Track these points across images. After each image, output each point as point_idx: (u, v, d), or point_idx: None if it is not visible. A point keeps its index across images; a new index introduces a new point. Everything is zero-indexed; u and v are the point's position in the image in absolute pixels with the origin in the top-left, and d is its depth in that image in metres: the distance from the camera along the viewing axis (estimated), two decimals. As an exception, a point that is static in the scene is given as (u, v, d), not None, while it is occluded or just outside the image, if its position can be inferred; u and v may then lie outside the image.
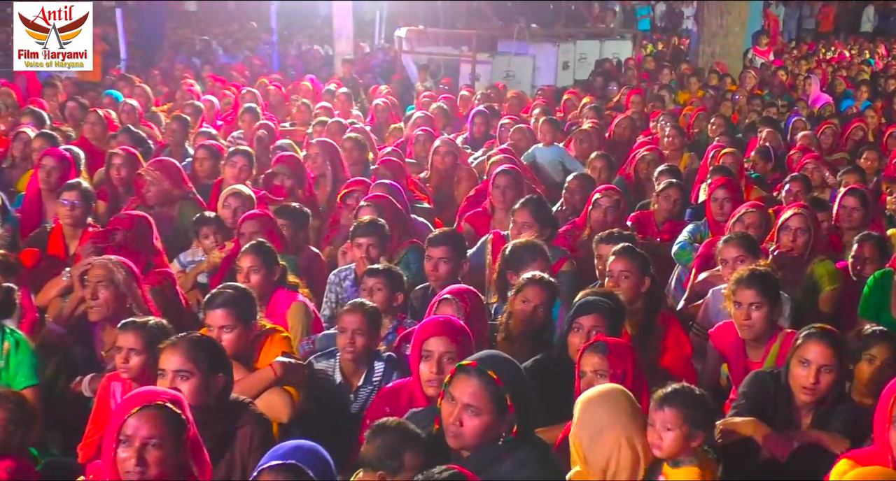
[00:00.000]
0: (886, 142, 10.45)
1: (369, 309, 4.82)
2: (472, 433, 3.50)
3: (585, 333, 4.54)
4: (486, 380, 3.51)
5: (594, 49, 17.61)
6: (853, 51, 23.14)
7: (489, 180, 7.36)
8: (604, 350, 4.10)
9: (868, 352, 4.58)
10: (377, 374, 4.76)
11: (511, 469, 3.49)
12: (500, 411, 3.51)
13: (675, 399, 3.59)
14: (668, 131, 9.87)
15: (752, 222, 6.31)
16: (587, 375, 4.11)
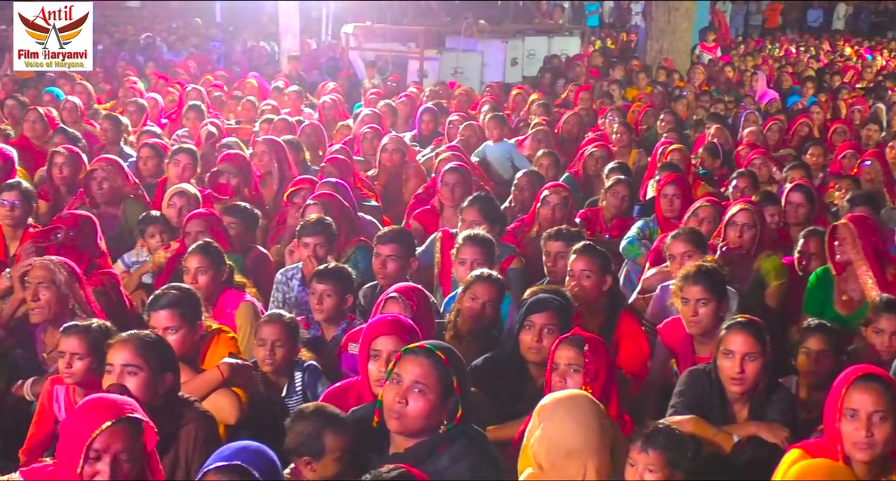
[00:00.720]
0: (831, 138, 10.55)
1: (288, 320, 4.79)
2: (416, 414, 3.48)
3: (537, 331, 4.53)
4: (434, 360, 3.52)
5: (542, 45, 17.64)
6: (801, 47, 23.36)
7: (437, 178, 7.34)
8: (580, 344, 4.10)
9: (804, 345, 4.69)
10: (298, 385, 4.73)
11: (448, 463, 3.48)
12: (446, 393, 3.51)
13: (659, 441, 3.59)
14: (617, 128, 9.89)
15: (706, 216, 6.34)
16: (560, 368, 4.11)
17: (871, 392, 3.52)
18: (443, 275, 6.19)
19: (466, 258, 5.57)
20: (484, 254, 5.57)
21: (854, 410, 3.51)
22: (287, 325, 4.74)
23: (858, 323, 5.18)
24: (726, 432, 4.19)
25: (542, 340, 4.51)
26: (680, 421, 4.24)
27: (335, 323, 5.22)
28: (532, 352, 4.55)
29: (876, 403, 3.51)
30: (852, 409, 3.51)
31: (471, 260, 5.54)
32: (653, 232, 6.85)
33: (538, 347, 4.52)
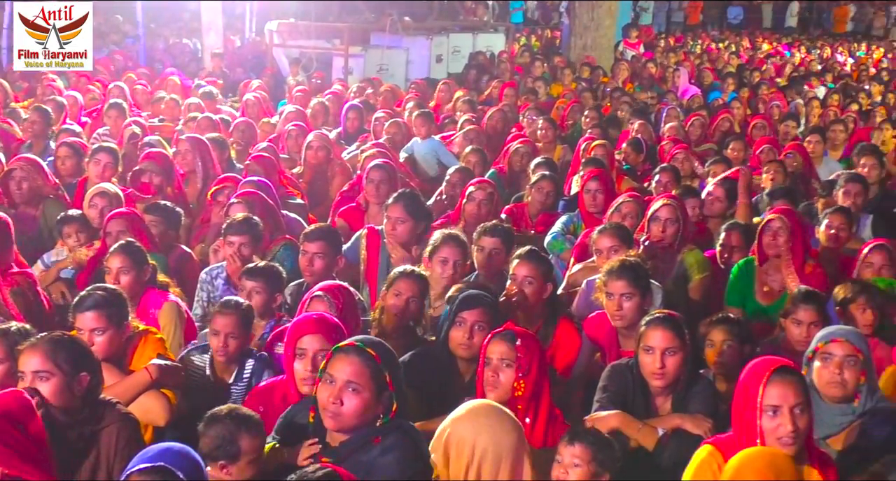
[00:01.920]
0: (751, 133, 10.73)
1: (244, 309, 4.76)
2: (352, 412, 3.51)
3: (468, 328, 4.54)
4: (365, 358, 3.54)
5: (467, 42, 17.65)
6: (721, 44, 23.69)
7: (362, 175, 7.32)
8: (512, 339, 4.11)
9: (709, 337, 4.78)
10: (247, 372, 4.70)
11: (378, 454, 3.51)
12: (380, 389, 3.54)
13: (586, 437, 3.65)
14: (542, 124, 9.96)
15: (628, 212, 6.39)
16: (493, 363, 4.12)
17: (789, 386, 3.57)
18: (369, 272, 6.19)
19: (448, 257, 5.56)
20: (462, 254, 5.60)
21: (775, 406, 3.55)
22: (242, 314, 4.73)
23: (778, 313, 5.28)
24: (651, 426, 4.24)
25: (473, 337, 4.52)
26: (605, 416, 4.29)
27: (262, 320, 5.17)
28: (462, 348, 4.55)
29: (796, 396, 3.56)
30: (773, 405, 3.55)
31: (452, 259, 5.54)
32: (577, 227, 6.90)
33: (469, 344, 4.52)
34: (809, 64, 19.59)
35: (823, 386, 4.16)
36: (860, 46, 24.69)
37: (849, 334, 4.22)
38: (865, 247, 5.88)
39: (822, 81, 16.68)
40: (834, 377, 4.12)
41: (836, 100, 14.39)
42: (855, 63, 21.25)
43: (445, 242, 5.58)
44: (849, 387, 4.11)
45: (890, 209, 8.34)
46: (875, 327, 5.19)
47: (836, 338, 4.17)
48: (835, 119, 11.48)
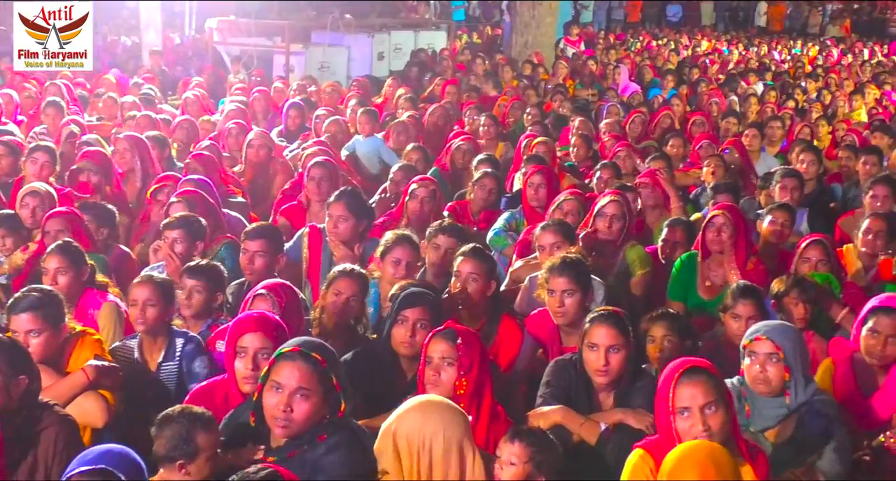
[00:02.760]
0: (690, 130, 10.83)
1: (159, 280, 4.77)
2: (302, 418, 3.53)
3: (410, 326, 4.53)
4: (311, 362, 3.55)
5: (409, 40, 17.64)
6: (661, 42, 23.89)
7: (304, 173, 7.28)
8: (453, 337, 4.11)
9: (650, 333, 4.81)
10: (177, 351, 4.70)
11: (324, 452, 3.52)
12: (328, 392, 3.56)
13: (528, 436, 3.65)
14: (484, 120, 9.97)
15: (570, 209, 6.43)
16: (434, 362, 4.11)
17: (696, 385, 3.60)
18: (311, 270, 6.17)
19: (401, 258, 5.54)
20: (415, 255, 5.60)
21: (685, 407, 3.58)
22: (158, 285, 4.72)
23: (718, 308, 5.33)
24: (593, 420, 4.26)
25: (414, 335, 4.52)
26: (548, 411, 4.32)
27: (201, 319, 5.13)
28: (404, 346, 4.55)
29: (705, 396, 3.58)
30: (683, 407, 3.59)
31: (405, 260, 5.53)
32: (519, 223, 6.93)
33: (411, 342, 4.52)
34: (748, 62, 19.79)
35: (751, 383, 4.21)
36: (796, 44, 25.01)
37: (771, 332, 4.22)
38: (802, 243, 5.96)
39: (759, 79, 16.86)
40: (758, 375, 4.16)
41: (774, 96, 14.58)
42: (791, 60, 21.53)
43: (398, 243, 5.58)
44: (773, 384, 4.15)
45: (827, 204, 8.50)
46: (809, 321, 5.27)
47: (759, 336, 4.21)
48: (772, 115, 11.63)
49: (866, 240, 6.25)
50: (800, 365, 4.19)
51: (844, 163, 9.37)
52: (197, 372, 4.63)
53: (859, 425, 4.57)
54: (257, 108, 11.01)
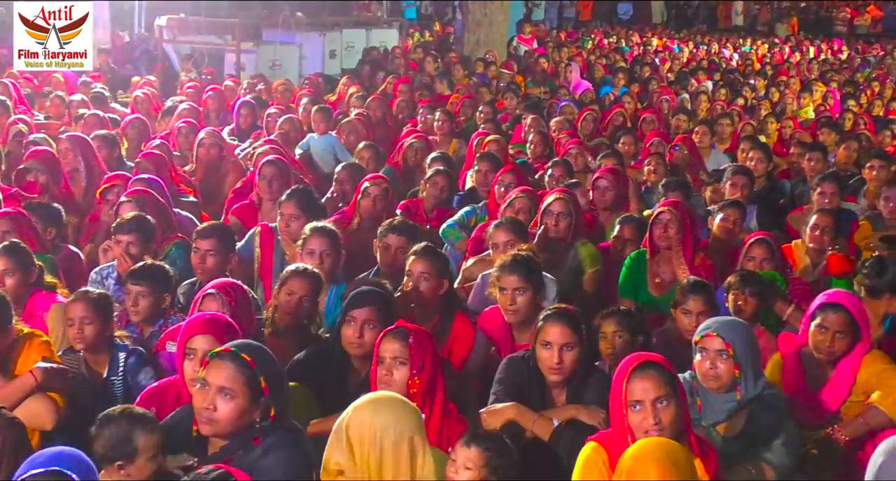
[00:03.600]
0: (641, 127, 10.91)
1: (94, 296, 4.70)
2: (225, 418, 3.51)
3: (359, 326, 4.52)
4: (239, 364, 3.55)
5: (361, 38, 17.61)
6: (611, 39, 24.01)
7: (255, 171, 7.25)
8: (404, 337, 4.11)
9: (602, 329, 4.84)
10: (121, 364, 4.65)
11: (260, 454, 3.51)
12: (255, 395, 3.54)
13: (484, 441, 3.63)
14: (439, 116, 9.99)
15: (521, 207, 6.44)
16: (386, 361, 4.11)
17: (648, 379, 3.62)
18: (263, 270, 6.14)
19: (315, 249, 5.53)
20: (332, 245, 5.57)
21: (637, 401, 3.60)
22: (94, 302, 4.65)
23: (669, 304, 5.37)
24: (546, 417, 4.28)
25: (363, 335, 4.51)
26: (501, 408, 4.33)
27: (152, 321, 5.10)
28: (353, 346, 4.54)
29: (656, 389, 3.60)
30: (635, 400, 3.60)
31: (319, 251, 5.51)
32: (479, 219, 6.93)
33: (360, 342, 4.52)
34: (700, 60, 19.96)
35: (702, 379, 4.25)
36: (745, 42, 25.23)
37: (721, 328, 4.26)
38: (747, 242, 6.03)
39: (708, 77, 17.00)
40: (708, 371, 4.20)
41: (724, 94, 14.71)
42: (741, 58, 21.74)
43: (312, 233, 5.58)
44: (723, 380, 4.18)
45: (776, 200, 8.59)
46: (758, 316, 5.33)
47: (710, 333, 4.24)
48: (721, 112, 11.73)
49: (814, 235, 6.34)
50: (749, 361, 4.23)
51: (795, 159, 9.48)
52: (143, 384, 4.55)
53: (807, 418, 4.64)
54: (211, 107, 10.94)
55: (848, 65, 20.60)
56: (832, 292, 4.88)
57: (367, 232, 6.37)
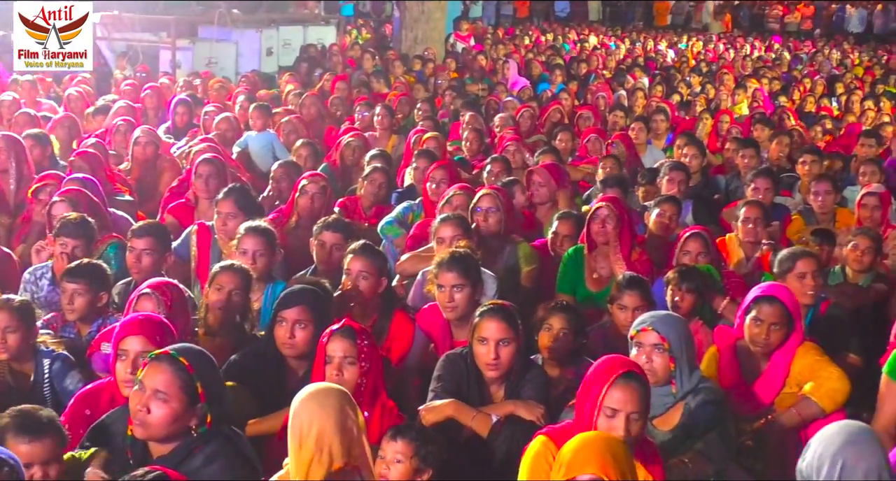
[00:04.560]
0: (578, 124, 10.98)
1: (17, 304, 4.62)
2: (159, 421, 3.48)
3: (290, 326, 4.51)
4: (176, 367, 3.51)
5: (298, 35, 17.49)
6: (548, 37, 24.10)
7: (191, 170, 7.18)
8: (353, 336, 4.11)
9: (548, 322, 4.83)
10: (46, 370, 4.59)
11: (202, 464, 3.48)
12: (191, 400, 3.51)
13: (409, 432, 3.65)
14: (379, 110, 9.96)
15: (459, 204, 6.44)
16: (335, 361, 4.11)
17: (632, 393, 3.62)
18: (200, 269, 6.08)
19: (248, 249, 5.50)
20: (265, 244, 5.52)
21: (615, 409, 3.60)
22: (15, 310, 4.57)
23: (606, 300, 5.42)
24: (485, 413, 4.30)
25: (294, 335, 4.50)
26: (440, 405, 4.34)
27: (88, 321, 5.05)
28: (286, 347, 4.53)
29: (636, 403, 3.61)
30: (612, 408, 3.60)
31: (252, 250, 5.47)
32: (416, 216, 6.94)
33: (291, 343, 4.51)
34: (636, 57, 20.10)
35: None
36: (681, 39, 25.47)
37: (657, 322, 4.30)
38: (682, 236, 6.09)
39: (645, 73, 17.15)
40: (644, 365, 4.20)
41: (660, 91, 14.85)
42: (676, 55, 21.94)
43: (245, 233, 5.55)
44: (659, 374, 4.22)
45: (711, 196, 8.70)
46: (696, 311, 5.39)
47: (645, 327, 4.29)
48: (657, 109, 11.83)
49: (746, 228, 6.44)
50: (685, 355, 4.28)
51: (730, 155, 9.60)
52: (70, 390, 4.50)
53: (743, 410, 4.70)
54: (149, 105, 10.81)
55: (780, 61, 20.87)
56: (766, 285, 4.95)
57: (305, 230, 6.34)
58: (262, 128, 9.50)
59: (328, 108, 11.28)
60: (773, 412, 4.65)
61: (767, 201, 7.26)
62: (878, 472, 3.24)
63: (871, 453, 3.26)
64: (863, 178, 8.25)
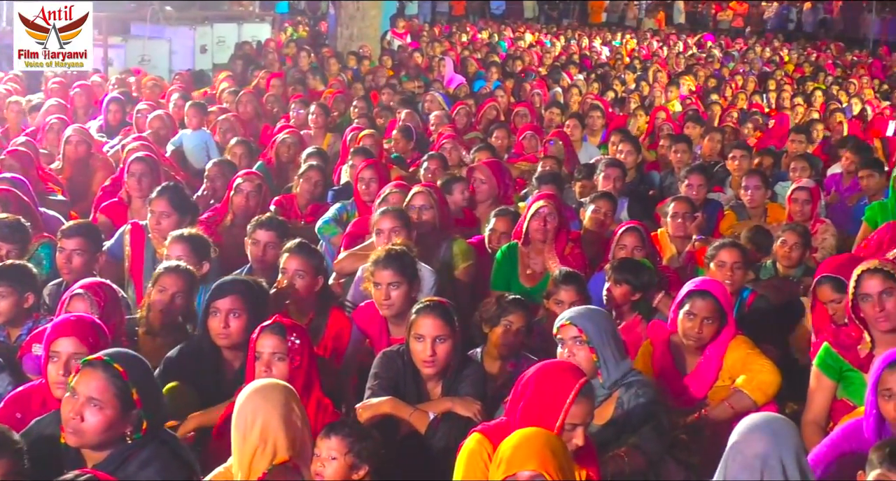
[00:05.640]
0: (514, 121, 11.02)
1: None
2: (93, 429, 3.43)
3: (223, 316, 4.49)
4: (111, 374, 3.46)
5: (232, 32, 17.38)
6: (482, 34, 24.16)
7: (124, 169, 7.10)
8: (283, 332, 4.10)
9: (506, 318, 4.82)
10: None
11: (136, 469, 3.44)
12: (126, 407, 3.46)
13: (342, 428, 3.64)
14: (314, 109, 9.93)
15: (395, 201, 6.44)
16: (264, 357, 4.10)
17: (589, 403, 3.67)
18: (133, 269, 6.02)
19: (171, 255, 5.44)
20: (189, 250, 5.47)
21: (574, 424, 3.60)
22: None
23: (541, 294, 5.45)
24: (422, 410, 4.32)
25: (228, 325, 4.49)
26: (377, 402, 4.35)
27: (18, 324, 4.95)
28: (221, 337, 4.52)
29: (591, 413, 3.68)
30: (573, 424, 3.60)
31: (175, 257, 5.41)
32: (350, 215, 6.93)
33: (226, 332, 4.50)
34: (571, 55, 20.21)
35: None
36: (615, 36, 25.66)
37: (574, 317, 4.35)
38: (619, 230, 6.14)
39: (579, 70, 17.25)
40: (568, 359, 4.26)
41: (596, 88, 14.95)
42: (611, 52, 22.10)
43: (172, 241, 5.50)
44: (584, 367, 4.17)
45: (646, 192, 8.78)
46: (633, 304, 5.43)
47: (564, 323, 4.35)
48: (592, 106, 11.91)
49: (675, 223, 6.53)
50: (607, 345, 4.32)
51: (664, 151, 9.69)
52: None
53: (677, 404, 4.76)
54: (78, 104, 10.66)
55: (713, 59, 21.12)
56: (699, 280, 5.01)
57: (240, 229, 6.29)
58: (198, 127, 9.43)
59: (264, 106, 11.20)
60: (706, 405, 4.72)
61: (700, 197, 7.35)
62: (768, 460, 3.29)
63: (761, 441, 3.31)
64: (793, 174, 8.40)
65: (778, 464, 3.28)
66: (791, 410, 4.91)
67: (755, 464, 3.27)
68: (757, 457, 3.28)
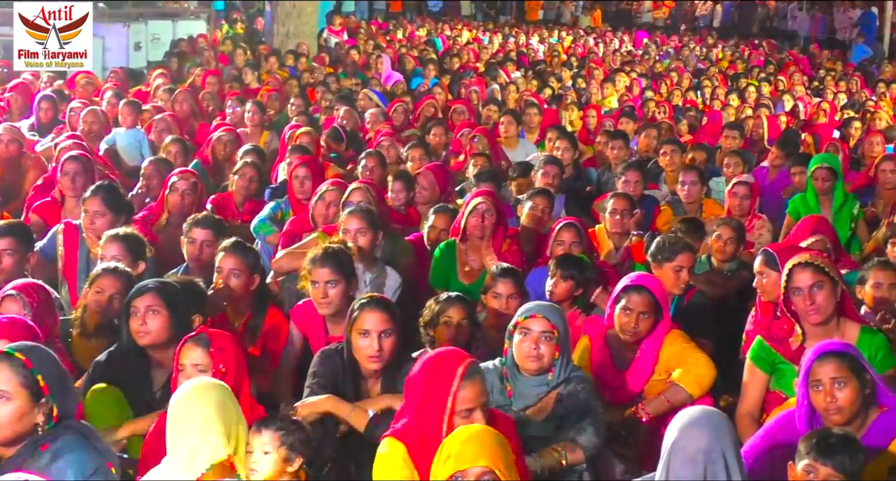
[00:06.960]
0: (452, 118, 11.03)
1: None
2: (4, 422, 3.40)
3: (141, 316, 4.45)
4: (13, 364, 3.43)
5: (167, 29, 17.22)
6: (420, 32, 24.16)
7: (57, 167, 7.01)
8: (206, 343, 4.06)
9: (445, 314, 4.87)
10: None
11: (49, 460, 3.40)
12: (34, 396, 3.43)
13: (272, 423, 3.63)
14: (250, 107, 9.87)
15: (332, 200, 6.44)
16: (186, 370, 4.05)
17: (480, 385, 3.68)
18: (67, 269, 5.97)
19: (117, 255, 5.38)
20: (124, 250, 5.41)
21: (469, 409, 3.64)
22: None
23: (480, 291, 5.48)
24: (362, 408, 4.32)
25: (146, 323, 4.45)
26: (316, 401, 4.35)
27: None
28: (140, 335, 4.48)
29: (485, 394, 3.70)
30: (467, 409, 3.63)
31: (110, 256, 5.35)
32: (284, 214, 6.91)
33: (145, 330, 4.46)
34: (508, 52, 20.27)
35: (521, 360, 4.36)
36: (552, 34, 25.78)
37: (546, 310, 4.41)
38: (556, 226, 6.18)
39: (517, 67, 17.31)
40: (531, 351, 4.31)
41: (535, 85, 15.01)
42: (548, 49, 22.19)
43: (107, 240, 5.46)
44: (544, 361, 4.32)
45: (583, 188, 8.85)
46: (573, 299, 5.47)
47: (535, 314, 4.37)
48: (529, 102, 11.96)
49: (614, 219, 6.58)
50: (567, 345, 4.39)
51: (601, 147, 9.76)
52: None
53: (614, 398, 4.80)
54: (13, 105, 10.48)
55: (648, 56, 21.30)
56: (635, 275, 5.05)
57: (175, 228, 6.25)
58: (132, 125, 9.34)
59: (200, 104, 11.11)
60: (643, 400, 4.76)
61: (637, 193, 7.43)
62: (710, 454, 3.31)
63: (703, 436, 3.35)
64: (727, 170, 8.50)
65: (720, 458, 3.31)
66: (726, 403, 4.99)
67: (698, 458, 3.30)
68: (699, 451, 3.31)
